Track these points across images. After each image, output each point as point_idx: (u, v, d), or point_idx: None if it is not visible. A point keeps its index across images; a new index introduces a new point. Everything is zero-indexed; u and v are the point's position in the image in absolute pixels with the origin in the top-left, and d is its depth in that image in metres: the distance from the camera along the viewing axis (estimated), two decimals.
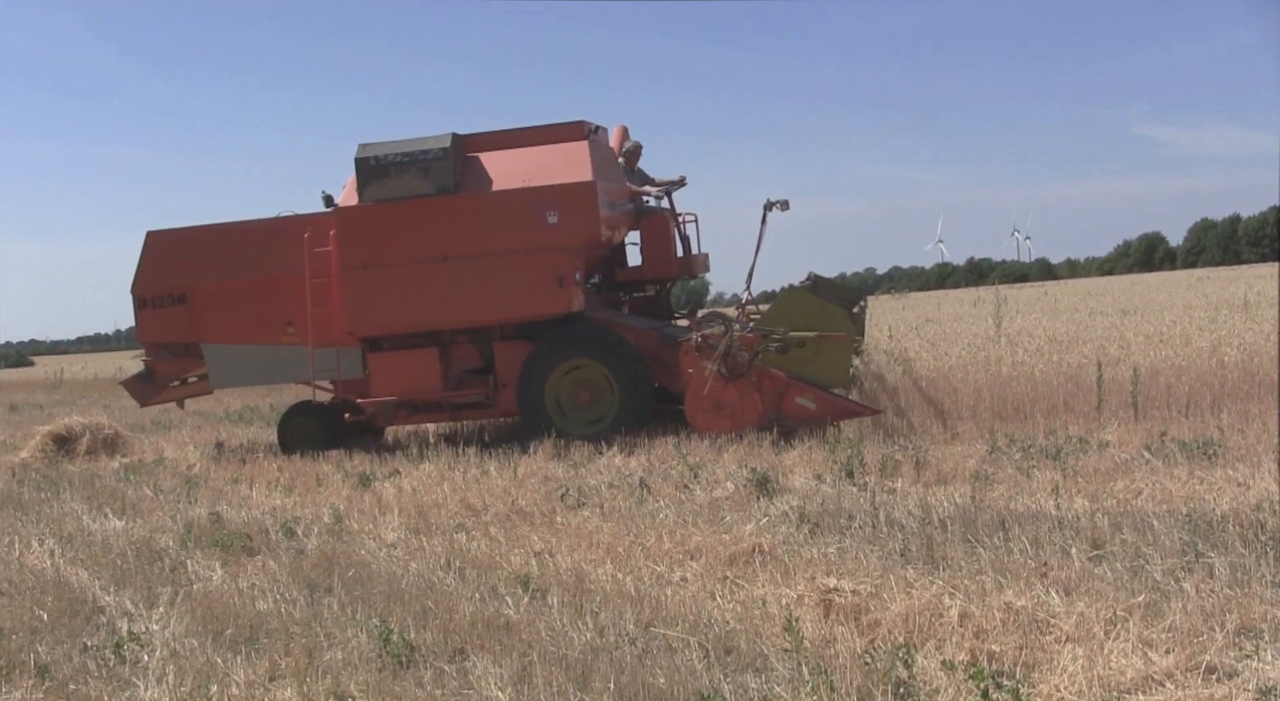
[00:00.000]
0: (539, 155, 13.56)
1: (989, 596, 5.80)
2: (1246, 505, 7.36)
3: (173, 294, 14.20)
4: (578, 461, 11.52)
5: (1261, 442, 9.61)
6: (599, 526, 8.31)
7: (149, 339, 14.67)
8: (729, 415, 12.03)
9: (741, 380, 12.03)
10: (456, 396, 13.76)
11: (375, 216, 13.43)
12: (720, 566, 6.96)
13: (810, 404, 11.95)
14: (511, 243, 13.15)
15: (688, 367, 12.33)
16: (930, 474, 9.44)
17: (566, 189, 13.06)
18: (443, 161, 13.28)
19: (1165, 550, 6.46)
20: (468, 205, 13.33)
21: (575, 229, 13.12)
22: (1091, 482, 8.63)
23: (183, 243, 14.45)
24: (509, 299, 13.20)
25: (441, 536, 8.50)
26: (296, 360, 14.00)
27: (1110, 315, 23.83)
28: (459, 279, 13.24)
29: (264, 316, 13.97)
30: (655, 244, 14.38)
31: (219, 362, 14.28)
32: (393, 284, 13.38)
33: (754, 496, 8.99)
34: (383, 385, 13.70)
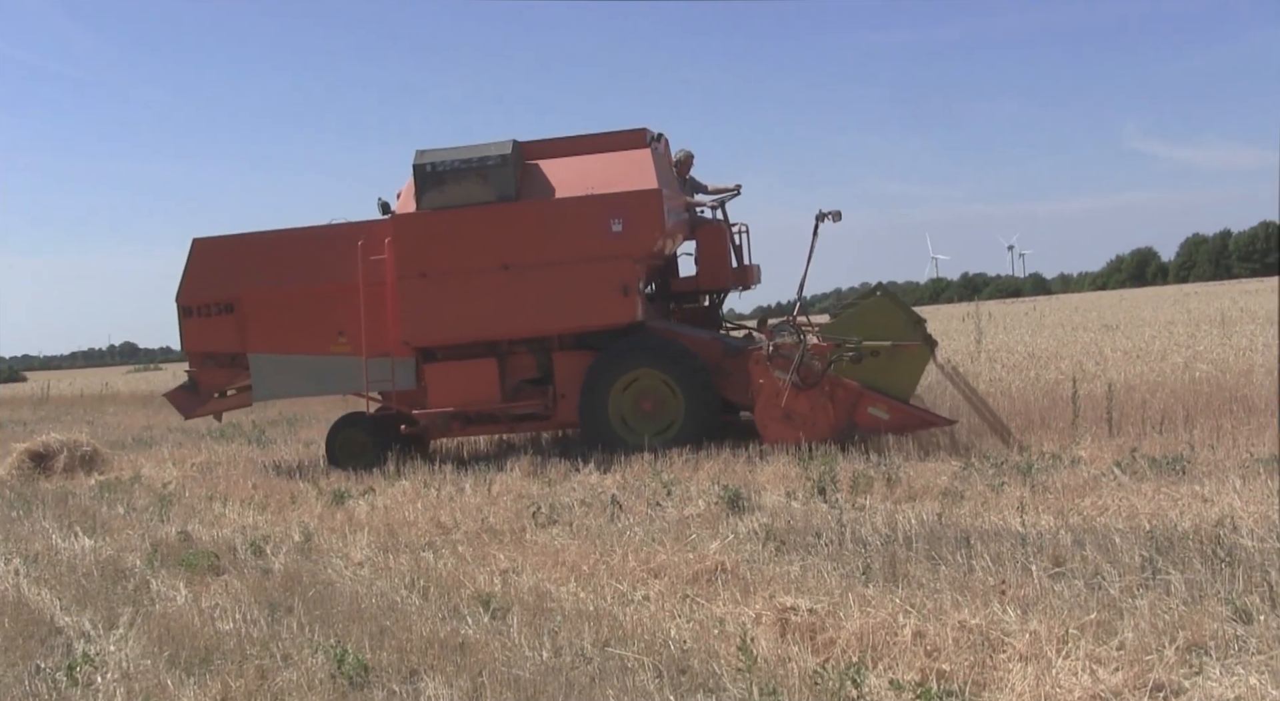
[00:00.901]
0: (600, 163, 13.38)
1: (945, 614, 5.78)
2: (1208, 521, 7.37)
3: (219, 302, 13.92)
4: (553, 478, 11.51)
5: (1230, 458, 9.62)
6: (566, 545, 8.30)
7: (194, 348, 14.34)
8: (800, 425, 11.94)
9: (813, 390, 11.95)
10: (515, 407, 13.52)
11: (434, 224, 13.22)
12: (682, 585, 6.94)
13: (884, 414, 11.85)
14: (574, 251, 12.95)
15: (758, 377, 12.20)
16: (902, 490, 9.43)
17: (631, 197, 12.89)
18: (503, 168, 13.10)
19: (1124, 567, 6.46)
20: (529, 213, 13.14)
21: (639, 237, 12.93)
22: (1060, 499, 8.63)
23: (230, 250, 14.19)
24: (571, 308, 12.99)
25: (409, 555, 8.48)
26: (347, 370, 13.76)
27: (1092, 330, 23.90)
28: (519, 288, 13.03)
29: (314, 326, 13.71)
30: (711, 254, 14.11)
31: (266, 373, 13.97)
32: (451, 293, 13.17)
33: (725, 514, 8.98)
34: (439, 396, 13.44)
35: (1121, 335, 21.71)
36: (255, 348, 13.90)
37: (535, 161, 13.50)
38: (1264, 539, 6.80)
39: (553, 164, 13.49)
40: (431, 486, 11.54)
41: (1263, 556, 6.45)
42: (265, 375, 14.00)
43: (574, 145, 13.70)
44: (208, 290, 13.98)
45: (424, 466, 12.60)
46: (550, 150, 13.68)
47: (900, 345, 11.90)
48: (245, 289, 13.88)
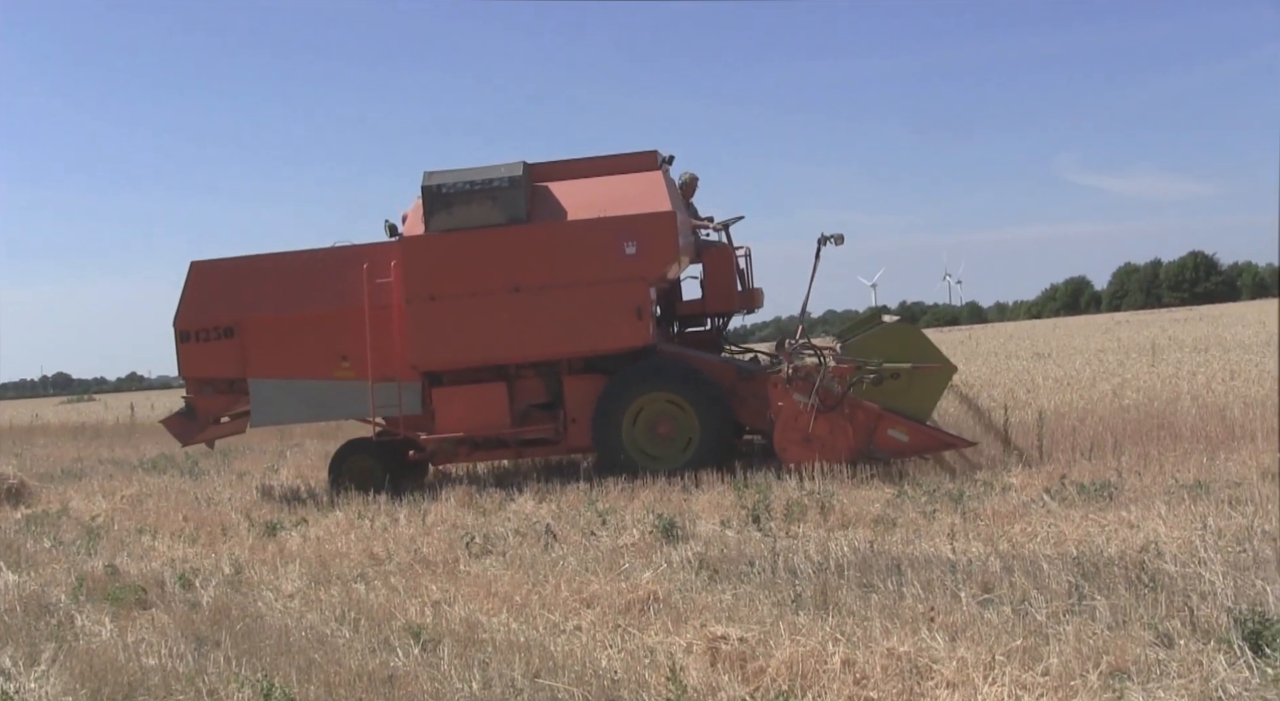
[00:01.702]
0: (611, 185, 13.30)
1: (874, 642, 5.82)
2: (1134, 547, 7.49)
3: (219, 326, 13.65)
4: (488, 509, 11.46)
5: (1156, 485, 9.77)
6: (500, 575, 8.26)
7: (192, 374, 14.00)
8: (819, 448, 11.87)
9: (833, 412, 11.92)
10: (525, 432, 13.38)
11: (443, 246, 13.05)
12: (615, 615, 6.93)
13: (903, 436, 11.86)
14: (587, 273, 12.85)
15: (777, 400, 12.14)
16: (835, 518, 9.49)
17: (645, 219, 12.82)
18: (514, 190, 12.96)
19: (1051, 593, 6.53)
20: (540, 235, 13.01)
21: (653, 260, 12.86)
22: (991, 526, 8.71)
23: (230, 273, 13.93)
24: (583, 331, 12.87)
25: (341, 586, 8.40)
26: (351, 395, 13.51)
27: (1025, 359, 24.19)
28: (530, 311, 12.91)
29: (317, 350, 13.48)
30: (718, 277, 14.01)
31: (266, 399, 13.71)
32: (460, 316, 12.99)
33: (659, 543, 8.98)
34: (448, 420, 13.28)
35: (1053, 363, 22.00)
36: (256, 373, 13.66)
37: (544, 183, 13.42)
38: (1186, 564, 6.90)
39: (562, 186, 13.41)
40: (366, 517, 11.46)
41: (1185, 581, 6.54)
42: (266, 401, 13.74)
43: (584, 167, 13.65)
44: (206, 314, 13.72)
45: (359, 497, 12.50)
46: (559, 172, 13.61)
47: (920, 367, 11.98)
48: (245, 313, 13.65)
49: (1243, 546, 7.31)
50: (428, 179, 13.09)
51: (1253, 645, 5.27)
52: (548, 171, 13.54)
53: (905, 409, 11.98)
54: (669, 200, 12.96)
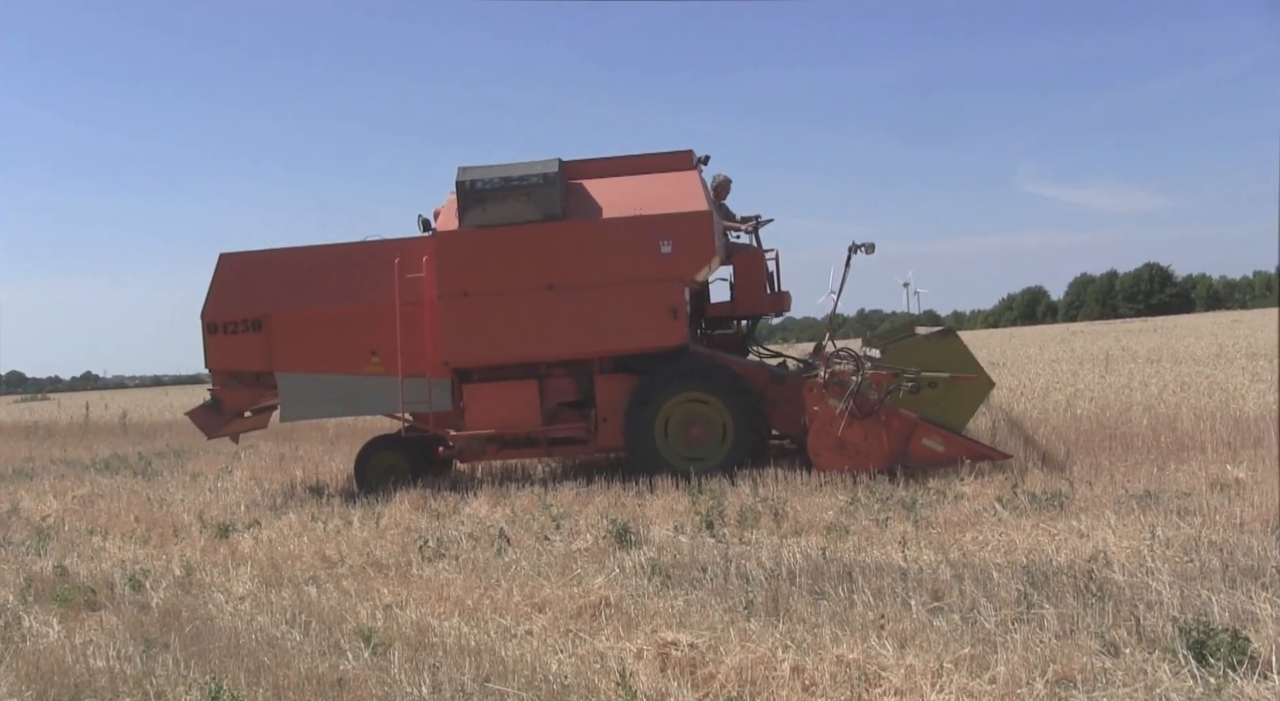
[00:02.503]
0: (646, 183, 13.28)
1: (824, 649, 5.84)
2: (1083, 556, 7.55)
3: (247, 320, 13.56)
4: (441, 512, 11.42)
5: (1107, 494, 9.85)
6: (452, 579, 8.24)
7: (219, 366, 13.85)
8: (852, 455, 11.87)
9: (868, 419, 11.90)
10: (556, 431, 13.33)
11: (477, 242, 12.98)
12: (566, 619, 6.93)
13: (938, 446, 11.82)
14: (622, 272, 12.80)
15: (813, 405, 12.10)
16: (789, 525, 9.52)
17: (681, 218, 12.79)
18: (549, 187, 12.90)
19: (1000, 601, 6.58)
20: (576, 233, 12.96)
21: (688, 259, 12.82)
22: (943, 534, 8.76)
23: (259, 266, 13.81)
24: (618, 330, 12.83)
25: (292, 589, 8.35)
26: (380, 391, 13.43)
27: None
28: (564, 308, 12.86)
29: (346, 345, 13.41)
30: (748, 280, 13.97)
31: (294, 393, 13.61)
32: (494, 313, 12.93)
33: (612, 548, 8.98)
34: (478, 418, 13.21)
35: (1008, 372, 22.14)
36: (283, 367, 13.58)
37: (578, 181, 13.40)
38: (1134, 573, 6.97)
39: (597, 184, 13.39)
40: (319, 519, 11.40)
41: (1132, 591, 6.61)
42: (293, 395, 13.66)
43: (618, 165, 13.62)
44: (234, 307, 13.63)
45: (312, 500, 12.44)
46: (594, 170, 13.59)
47: (959, 377, 11.98)
48: (274, 306, 13.56)
49: (1190, 556, 7.39)
50: (462, 174, 13.02)
51: (1197, 654, 5.33)
52: (581, 169, 13.52)
53: (941, 418, 11.95)
54: (705, 200, 12.98)
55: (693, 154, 13.59)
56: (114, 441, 26.02)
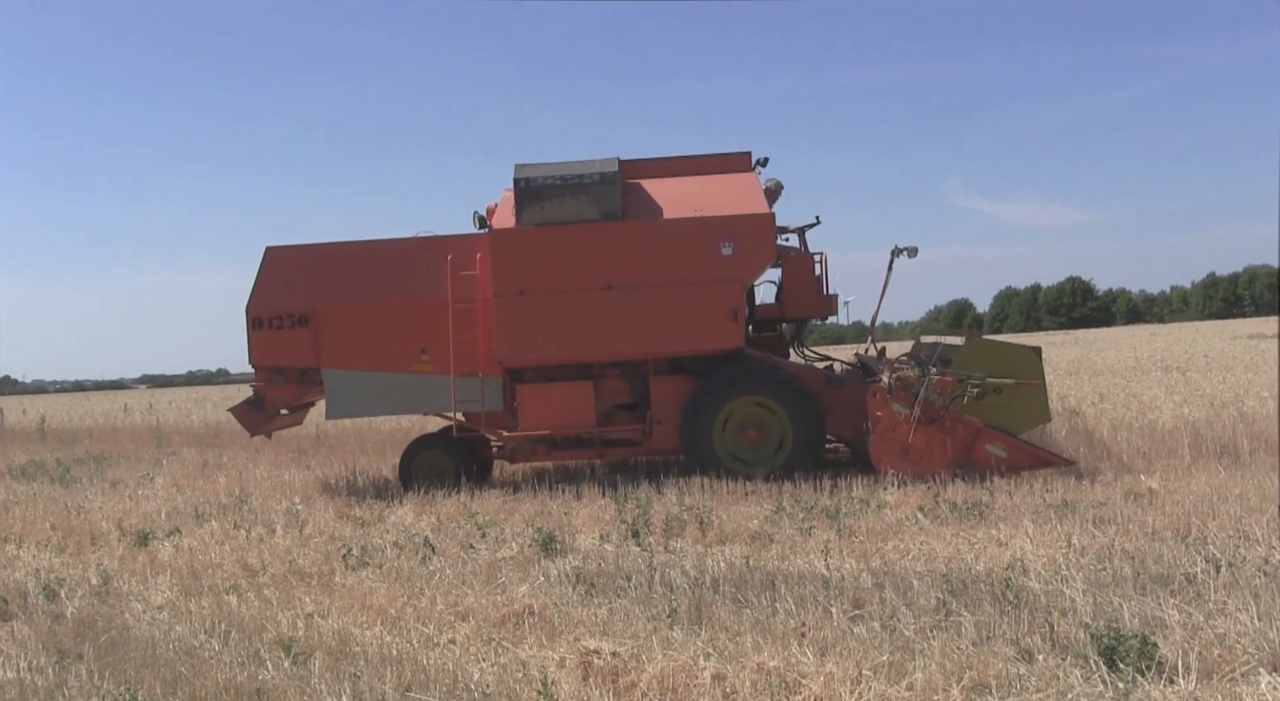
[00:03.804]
0: (705, 184, 13.25)
1: (745, 657, 5.88)
2: (1001, 564, 7.67)
3: (294, 315, 13.35)
4: (366, 520, 11.36)
5: (1025, 504, 10.02)
6: (375, 587, 8.19)
7: (263, 362, 13.62)
8: (915, 460, 11.87)
9: (933, 424, 11.90)
10: (611, 432, 13.23)
11: (534, 240, 12.85)
12: (489, 628, 6.92)
13: (1001, 452, 11.83)
14: (682, 273, 12.73)
15: (876, 409, 12.08)
16: (714, 533, 9.57)
17: (742, 220, 12.74)
18: (609, 186, 12.81)
19: (920, 609, 6.67)
20: (635, 233, 12.87)
21: (749, 261, 12.79)
22: (865, 542, 8.86)
23: (307, 261, 13.59)
24: (676, 331, 12.76)
25: (212, 598, 8.25)
26: (430, 389, 13.28)
27: None
28: (623, 309, 12.76)
29: (396, 342, 13.24)
30: (798, 283, 13.89)
31: (341, 390, 13.41)
32: (550, 312, 12.80)
33: (538, 556, 8.98)
34: (532, 418, 13.09)
35: None
36: (330, 363, 13.41)
37: (635, 180, 13.31)
38: (1049, 581, 7.10)
39: (655, 184, 13.34)
40: (241, 527, 11.27)
41: (1047, 598, 6.73)
42: (340, 392, 13.46)
43: (676, 166, 13.60)
44: (281, 301, 13.42)
45: (236, 508, 12.30)
46: (651, 169, 13.55)
47: (1024, 383, 12.00)
48: (322, 301, 13.37)
49: (1104, 564, 7.53)
50: (519, 172, 12.92)
51: (1107, 660, 5.43)
52: (638, 169, 13.48)
53: (1006, 423, 11.99)
54: (766, 202, 12.99)
55: (750, 155, 13.62)
56: (31, 447, 25.53)
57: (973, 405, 11.92)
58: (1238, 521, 8.65)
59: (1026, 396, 12.06)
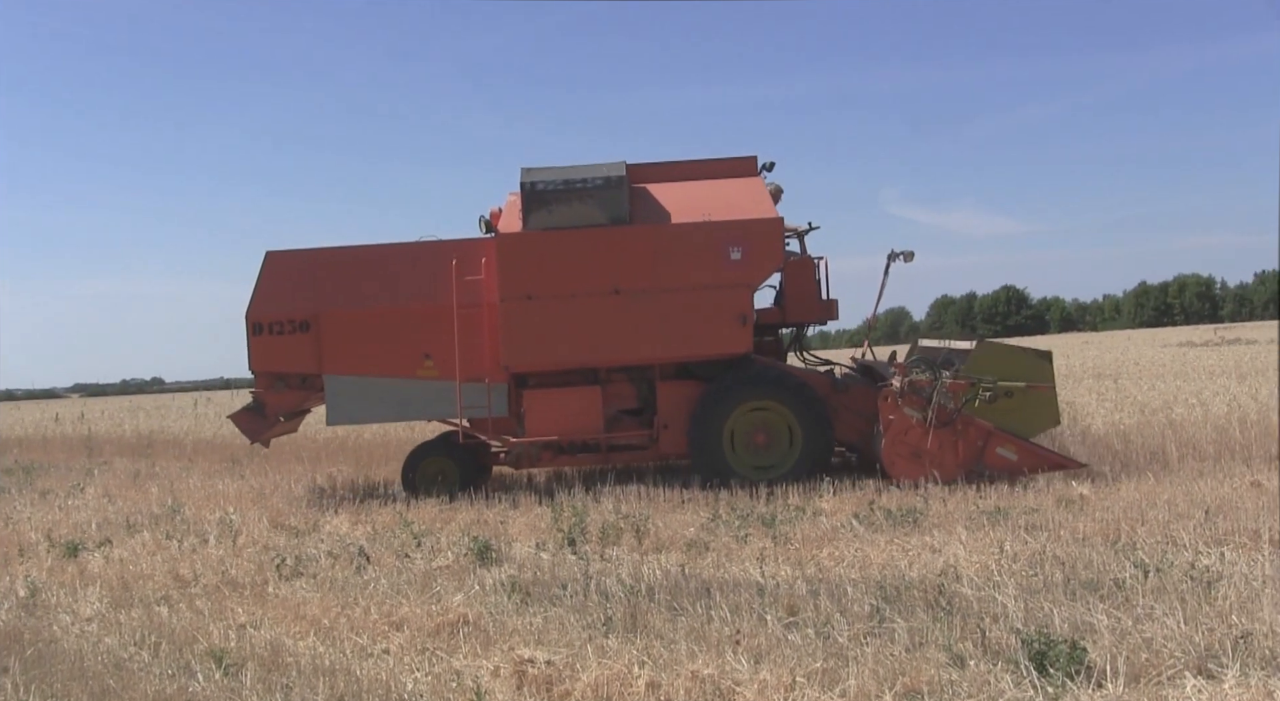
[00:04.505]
0: (711, 189, 13.20)
1: (680, 665, 5.89)
2: (934, 571, 7.73)
3: (295, 320, 13.16)
4: (301, 529, 11.26)
5: (959, 511, 10.12)
6: (309, 597, 8.12)
7: (263, 368, 13.41)
8: (927, 463, 11.83)
9: (945, 428, 11.87)
10: (619, 438, 13.14)
11: (542, 244, 12.74)
12: (424, 638, 6.88)
13: (1012, 455, 11.85)
14: (691, 278, 12.68)
15: (888, 413, 12.04)
16: (650, 541, 9.58)
17: (752, 225, 12.71)
18: (616, 190, 12.72)
19: (854, 615, 6.70)
20: (644, 237, 12.79)
21: (758, 266, 12.76)
22: (800, 550, 8.90)
23: (308, 265, 13.38)
24: (685, 336, 12.70)
25: (143, 609, 8.15)
26: (434, 395, 13.10)
27: None
28: (631, 313, 12.69)
29: (399, 347, 13.07)
30: (799, 287, 13.81)
31: (343, 396, 13.22)
32: (558, 316, 12.70)
33: (473, 565, 8.94)
34: (539, 424, 12.99)
35: None
36: (332, 369, 13.22)
37: (641, 185, 13.24)
38: (982, 587, 7.16)
39: (661, 188, 13.28)
40: (174, 537, 11.13)
41: (980, 604, 6.79)
42: (342, 399, 13.27)
43: (681, 170, 13.57)
44: (282, 306, 13.22)
45: (168, 519, 12.14)
46: (656, 174, 13.49)
47: (1034, 387, 12.03)
48: (324, 306, 13.18)
49: (1035, 570, 7.62)
50: (526, 175, 12.82)
51: (1038, 665, 5.49)
52: (643, 173, 13.42)
53: (1017, 427, 12.03)
54: (774, 206, 12.99)
55: (756, 160, 13.63)
56: None
57: (984, 408, 11.99)
58: (1166, 527, 8.79)
59: (1036, 400, 12.13)
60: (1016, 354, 12.44)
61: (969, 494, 10.97)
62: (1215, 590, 6.73)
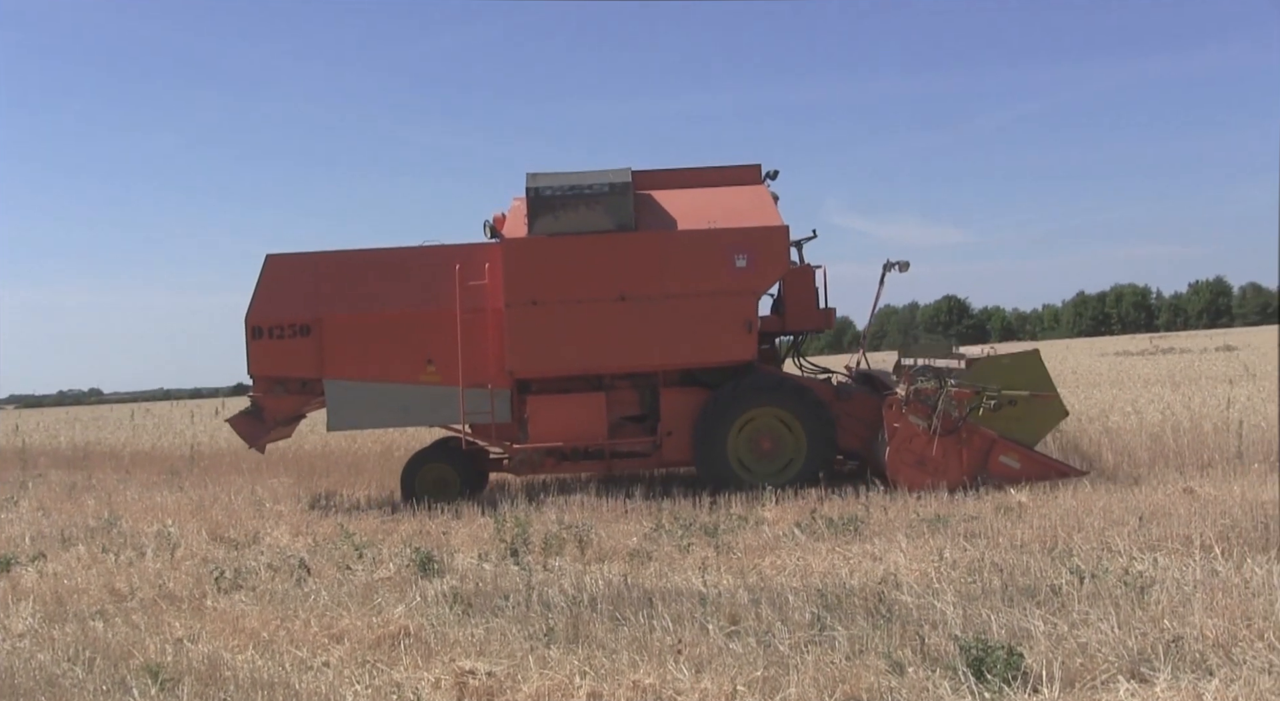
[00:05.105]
0: (716, 196, 13.19)
1: (621, 674, 5.89)
2: (874, 579, 7.79)
3: (295, 324, 13.02)
4: (240, 542, 11.14)
5: (900, 519, 10.19)
6: (248, 611, 8.04)
7: (263, 372, 13.26)
8: (932, 471, 11.85)
9: (948, 436, 11.87)
10: (623, 444, 13.07)
11: (547, 250, 12.71)
12: (364, 650, 6.83)
13: (1015, 463, 11.88)
14: (696, 284, 12.68)
15: (893, 421, 12.04)
16: (592, 551, 9.58)
17: (757, 232, 12.73)
18: (622, 196, 12.71)
19: (795, 624, 6.74)
20: (650, 243, 12.77)
21: (763, 273, 12.79)
22: (742, 559, 8.94)
23: (309, 269, 13.22)
24: (691, 342, 12.70)
25: (77, 624, 8.02)
26: (436, 401, 13.00)
27: None
28: (636, 320, 12.67)
29: (401, 352, 12.97)
30: (799, 296, 13.77)
31: (344, 401, 13.08)
32: (563, 322, 12.67)
33: (415, 577, 8.89)
34: (542, 430, 12.93)
35: None
36: (333, 373, 13.09)
37: (646, 191, 13.21)
38: (921, 595, 7.22)
39: (666, 195, 13.26)
40: (110, 551, 10.98)
41: (919, 611, 6.85)
42: (343, 404, 13.14)
43: (685, 177, 13.55)
44: (282, 310, 13.08)
45: (104, 532, 11.98)
46: (660, 180, 13.47)
47: (1038, 395, 12.06)
48: (325, 310, 13.05)
49: (974, 577, 7.70)
50: (532, 181, 12.78)
51: (975, 671, 5.54)
52: (648, 180, 13.40)
53: (1018, 435, 12.07)
54: (779, 214, 12.99)
55: (760, 168, 13.66)
56: None
57: (988, 417, 12.07)
58: (1101, 533, 8.92)
59: (1040, 406, 12.20)
60: (1023, 363, 12.48)
61: (909, 502, 11.07)
62: (1148, 595, 6.84)
